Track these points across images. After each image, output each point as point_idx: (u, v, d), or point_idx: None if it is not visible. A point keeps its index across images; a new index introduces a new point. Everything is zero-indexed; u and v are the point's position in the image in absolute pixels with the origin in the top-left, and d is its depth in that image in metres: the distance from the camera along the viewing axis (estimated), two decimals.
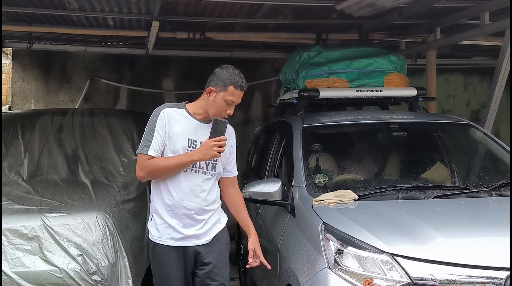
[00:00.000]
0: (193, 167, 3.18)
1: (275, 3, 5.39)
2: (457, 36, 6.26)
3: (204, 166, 3.22)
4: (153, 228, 3.27)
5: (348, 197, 3.54)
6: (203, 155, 3.07)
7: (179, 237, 3.19)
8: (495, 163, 4.33)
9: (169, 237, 3.20)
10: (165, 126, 3.16)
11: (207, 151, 3.06)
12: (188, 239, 3.20)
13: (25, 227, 3.93)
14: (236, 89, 3.16)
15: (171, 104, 3.31)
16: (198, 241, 3.22)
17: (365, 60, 5.32)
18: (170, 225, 3.19)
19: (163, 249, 3.22)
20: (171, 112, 3.21)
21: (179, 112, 3.23)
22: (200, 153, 3.08)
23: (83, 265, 3.86)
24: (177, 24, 6.40)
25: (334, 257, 3.08)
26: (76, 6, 5.64)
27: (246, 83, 3.24)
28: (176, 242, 3.20)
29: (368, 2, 5.08)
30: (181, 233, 3.19)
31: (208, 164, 3.22)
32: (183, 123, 3.20)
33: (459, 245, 3.01)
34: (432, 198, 3.57)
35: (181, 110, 3.25)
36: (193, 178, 3.18)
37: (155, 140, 3.16)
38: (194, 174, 3.19)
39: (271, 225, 4.09)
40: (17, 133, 5.43)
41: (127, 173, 5.11)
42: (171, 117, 3.19)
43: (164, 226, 3.21)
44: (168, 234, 3.20)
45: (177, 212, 3.17)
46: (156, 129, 3.17)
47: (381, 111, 5.47)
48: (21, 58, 8.27)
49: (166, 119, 3.18)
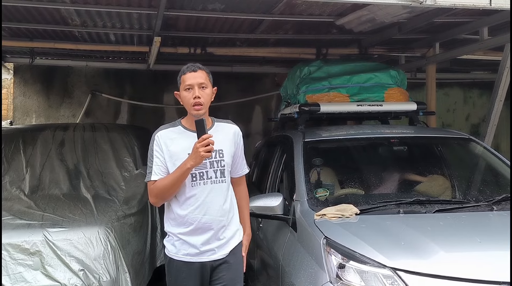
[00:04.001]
0: (201, 180, 3.09)
1: (275, 18, 5.45)
2: (456, 51, 6.31)
3: (213, 175, 3.12)
4: (169, 244, 3.20)
5: (349, 211, 3.54)
6: (194, 159, 2.95)
7: (195, 253, 3.12)
8: (496, 177, 4.33)
9: (185, 253, 3.13)
10: (161, 149, 3.12)
11: (195, 154, 2.93)
12: (204, 254, 3.12)
13: (26, 242, 3.93)
14: (185, 74, 3.12)
15: (166, 125, 3.25)
16: (215, 256, 3.14)
17: (365, 74, 5.36)
18: (186, 241, 3.12)
19: (178, 265, 3.15)
20: (166, 133, 3.16)
21: (174, 131, 3.18)
22: (191, 159, 2.97)
23: (85, 280, 3.85)
24: (178, 39, 6.45)
25: (336, 271, 3.07)
26: (78, 22, 5.70)
27: (196, 65, 3.15)
28: (192, 257, 3.12)
29: (368, 17, 5.14)
30: (197, 249, 3.11)
31: (217, 171, 3.12)
32: (181, 141, 3.13)
33: (461, 259, 3.01)
34: (433, 212, 3.57)
35: (176, 128, 3.19)
36: (203, 190, 3.10)
37: (155, 164, 3.11)
38: (203, 186, 3.10)
39: (272, 240, 4.09)
40: (19, 148, 5.45)
41: (129, 188, 5.13)
42: (166, 138, 3.14)
43: (180, 242, 3.14)
44: (185, 250, 3.13)
45: (191, 227, 3.10)
46: (154, 154, 3.12)
47: (381, 126, 5.48)
48: (23, 73, 8.30)
49: (162, 141, 3.13)
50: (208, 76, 3.17)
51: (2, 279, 3.82)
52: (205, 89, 3.11)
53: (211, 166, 3.12)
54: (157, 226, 5.56)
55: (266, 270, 3.81)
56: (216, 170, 3.13)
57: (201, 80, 3.11)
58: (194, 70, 3.12)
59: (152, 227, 5.37)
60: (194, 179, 3.09)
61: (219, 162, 3.14)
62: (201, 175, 3.10)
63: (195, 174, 3.09)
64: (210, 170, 3.11)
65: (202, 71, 3.14)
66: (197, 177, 3.10)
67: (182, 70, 3.16)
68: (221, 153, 3.15)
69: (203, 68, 3.17)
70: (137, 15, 5.42)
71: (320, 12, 5.30)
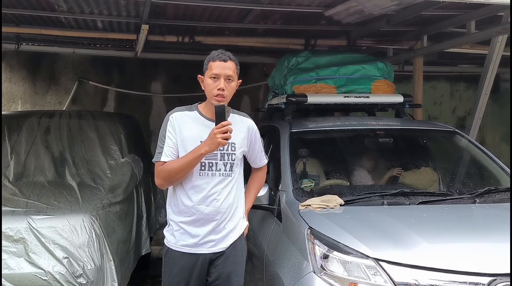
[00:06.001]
0: (209, 170, 3.05)
1: (264, 8, 5.43)
2: (443, 44, 6.33)
3: (222, 168, 3.07)
4: (168, 233, 3.16)
5: (334, 202, 3.56)
6: (209, 145, 2.89)
7: (193, 243, 3.07)
8: (479, 170, 4.38)
9: (184, 244, 3.08)
10: (175, 131, 3.05)
11: (211, 140, 2.88)
12: (203, 246, 3.08)
13: (10, 229, 3.91)
14: (214, 62, 3.02)
15: (182, 107, 3.16)
16: (215, 248, 3.10)
17: (353, 66, 5.37)
18: (186, 231, 3.07)
19: (175, 256, 3.11)
20: (181, 116, 3.09)
21: (189, 115, 3.10)
22: (206, 144, 2.91)
23: (69, 267, 3.84)
24: (166, 27, 6.41)
25: (320, 261, 3.10)
26: (65, 8, 5.63)
27: (227, 53, 3.06)
28: (190, 249, 3.08)
29: (356, 9, 5.13)
30: (196, 239, 3.07)
31: (226, 164, 3.08)
32: (194, 126, 3.07)
33: (443, 250, 3.04)
34: (416, 204, 3.61)
35: (192, 112, 3.12)
36: (210, 181, 3.05)
37: (166, 145, 3.04)
38: (210, 177, 3.06)
39: (257, 230, 4.11)
40: (4, 135, 5.40)
41: (114, 176, 5.11)
42: (181, 121, 3.07)
43: (180, 232, 3.09)
44: (184, 240, 3.08)
45: (194, 217, 3.06)
46: (167, 135, 3.05)
47: (368, 117, 5.52)
48: (9, 59, 8.21)
49: (176, 124, 3.06)
50: (237, 67, 3.10)
51: None
52: (230, 83, 3.05)
53: (221, 158, 3.07)
54: (143, 215, 5.55)
55: (251, 260, 3.82)
56: (226, 163, 3.09)
57: (229, 72, 3.03)
58: (224, 59, 3.04)
59: (138, 215, 5.37)
60: (203, 169, 3.05)
61: (230, 155, 3.10)
62: (210, 165, 3.06)
63: (204, 163, 3.04)
64: (220, 162, 3.07)
65: (232, 63, 3.06)
66: (206, 167, 3.05)
67: (212, 56, 3.06)
68: (233, 146, 3.10)
69: (234, 59, 3.08)
70: (125, 2, 5.35)
71: (309, 3, 5.28)
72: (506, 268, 2.94)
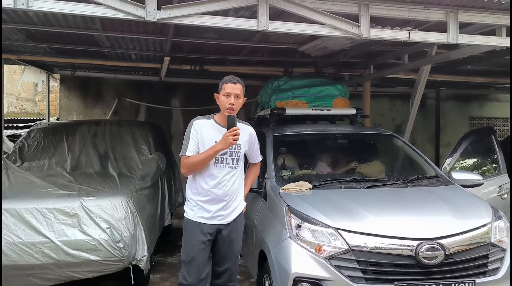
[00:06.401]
0: (222, 163, 3.07)
1: (254, 45, 5.44)
2: (385, 71, 6.37)
3: (230, 162, 3.09)
4: (188, 208, 3.14)
5: (305, 186, 3.57)
6: (223, 144, 2.95)
7: (208, 217, 3.07)
8: (411, 163, 4.39)
9: (200, 216, 3.08)
10: (197, 133, 3.07)
11: (225, 141, 2.94)
12: (214, 219, 3.08)
13: (67, 207, 3.88)
14: (227, 84, 3.06)
15: (202, 117, 3.18)
16: (222, 221, 3.10)
17: (319, 87, 5.35)
18: (203, 207, 3.08)
19: (193, 225, 3.09)
20: (202, 123, 3.11)
21: (208, 122, 3.12)
22: (221, 143, 2.96)
23: (111, 235, 3.82)
24: (183, 59, 6.40)
25: (295, 230, 3.11)
26: (108, 44, 5.64)
27: (236, 78, 3.10)
28: (206, 220, 3.07)
29: (321, 46, 5.16)
30: (210, 214, 3.07)
31: (234, 159, 3.10)
32: (211, 130, 3.09)
33: (384, 221, 3.07)
34: (365, 188, 3.62)
35: (209, 120, 3.13)
36: (221, 171, 3.07)
37: (190, 144, 3.06)
38: (222, 168, 3.07)
39: (250, 207, 4.08)
40: (63, 138, 5.37)
41: (144, 168, 5.08)
42: (202, 126, 3.09)
43: (198, 208, 3.09)
44: (200, 214, 3.08)
45: (209, 197, 3.07)
46: (191, 137, 3.07)
47: (330, 125, 5.51)
48: (67, 82, 8.15)
49: (198, 128, 3.08)
50: (243, 88, 3.13)
51: (50, 234, 3.77)
52: (239, 99, 3.09)
53: (230, 154, 3.09)
54: (166, 196, 5.52)
55: (245, 229, 3.80)
56: (234, 158, 3.11)
57: (238, 91, 3.07)
58: (234, 82, 3.08)
59: (162, 196, 5.34)
60: (217, 162, 3.07)
61: (236, 153, 3.12)
62: (222, 160, 3.08)
63: (218, 158, 3.06)
64: (229, 157, 3.09)
65: (240, 85, 3.10)
66: (219, 161, 3.07)
67: (225, 79, 3.10)
68: (239, 146, 3.12)
69: (241, 82, 3.12)
70: (152, 40, 5.36)
71: (287, 41, 5.30)
72: (430, 234, 2.97)
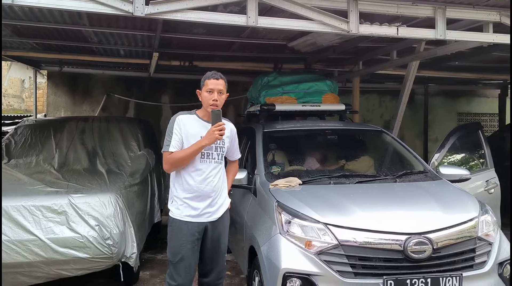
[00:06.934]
0: (208, 158, 3.02)
1: (243, 41, 5.41)
2: (374, 67, 6.38)
3: (216, 157, 3.04)
4: (173, 207, 3.07)
5: (295, 182, 3.57)
6: (209, 139, 2.90)
7: (195, 214, 3.01)
8: (400, 158, 4.41)
9: (187, 214, 3.00)
10: (180, 128, 3.01)
11: (211, 136, 2.89)
12: (202, 216, 3.02)
13: (55, 204, 3.82)
14: (209, 79, 3.01)
15: (185, 112, 3.12)
16: (209, 218, 3.04)
17: (309, 83, 5.36)
18: (189, 205, 3.00)
19: (180, 224, 3.02)
20: (186, 118, 3.06)
21: (191, 117, 3.07)
22: (206, 139, 2.92)
23: (100, 232, 3.78)
24: (171, 54, 6.35)
25: (285, 226, 3.11)
26: (96, 40, 5.57)
27: (219, 74, 3.05)
28: (192, 218, 3.01)
29: (311, 42, 5.15)
30: (197, 211, 3.01)
31: (219, 154, 3.06)
32: (196, 125, 3.04)
33: (373, 216, 3.08)
34: (354, 184, 3.64)
35: (192, 115, 3.09)
36: (208, 166, 3.02)
37: (173, 139, 2.99)
38: (208, 163, 3.02)
39: (239, 203, 4.10)
40: (50, 134, 5.30)
41: (133, 164, 5.04)
42: (186, 121, 3.04)
43: (184, 206, 3.02)
44: (187, 212, 3.02)
45: (195, 194, 3.00)
46: (174, 132, 3.01)
47: (319, 120, 5.52)
48: (54, 78, 8.05)
49: (182, 123, 3.02)
50: (226, 84, 3.08)
51: (38, 232, 3.73)
52: (221, 95, 3.04)
53: (215, 149, 3.05)
54: (155, 192, 5.50)
55: (235, 225, 3.81)
56: (219, 153, 3.07)
57: (221, 87, 3.03)
58: (217, 78, 3.04)
59: (151, 193, 5.31)
60: (203, 157, 3.01)
61: (221, 148, 3.08)
62: (208, 155, 3.03)
63: (204, 153, 3.01)
64: (214, 152, 3.05)
65: (222, 80, 3.06)
66: (205, 156, 3.02)
67: (207, 75, 3.05)
68: (223, 141, 3.08)
69: (223, 77, 3.08)
70: (140, 36, 5.31)
71: (276, 37, 5.29)
72: (418, 228, 2.99)
